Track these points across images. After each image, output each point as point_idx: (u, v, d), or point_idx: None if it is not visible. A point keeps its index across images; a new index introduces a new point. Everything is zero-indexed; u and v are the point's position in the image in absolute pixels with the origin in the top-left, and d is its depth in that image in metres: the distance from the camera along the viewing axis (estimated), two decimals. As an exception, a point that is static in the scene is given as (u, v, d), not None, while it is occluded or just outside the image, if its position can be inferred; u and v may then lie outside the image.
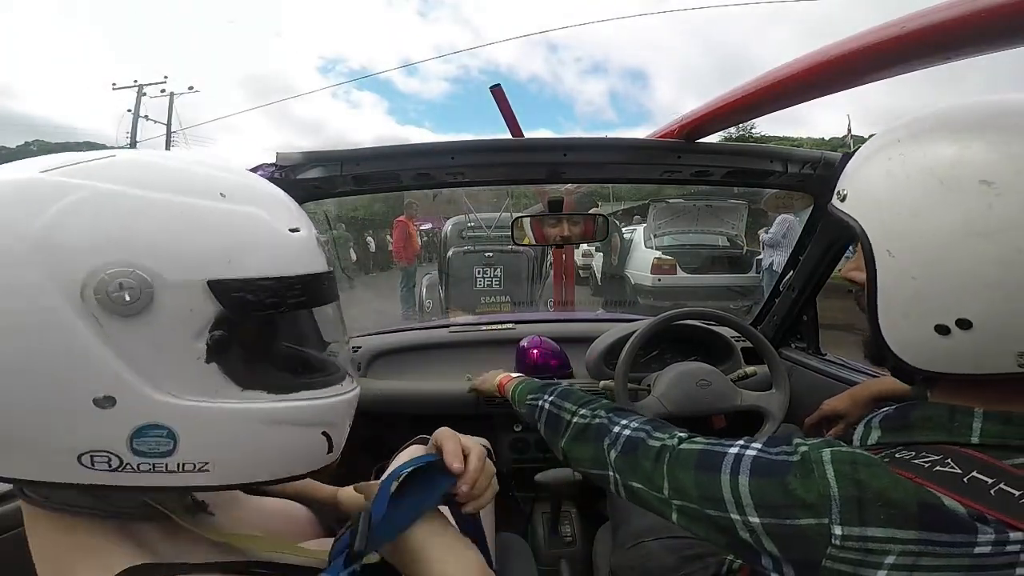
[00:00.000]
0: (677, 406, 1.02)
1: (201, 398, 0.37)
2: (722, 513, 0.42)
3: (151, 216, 0.35)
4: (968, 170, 0.37)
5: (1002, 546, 0.33)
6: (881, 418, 0.47)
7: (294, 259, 0.40)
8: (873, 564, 0.35)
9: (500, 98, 1.34)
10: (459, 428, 0.57)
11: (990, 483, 0.36)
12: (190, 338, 0.36)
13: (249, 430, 0.39)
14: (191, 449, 0.37)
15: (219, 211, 0.37)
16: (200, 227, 0.36)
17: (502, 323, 1.55)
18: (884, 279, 0.42)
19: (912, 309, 0.41)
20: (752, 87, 0.80)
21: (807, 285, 1.20)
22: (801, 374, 1.22)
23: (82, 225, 0.34)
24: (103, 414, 0.34)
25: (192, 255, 0.36)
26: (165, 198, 0.36)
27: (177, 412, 0.36)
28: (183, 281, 0.35)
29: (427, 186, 1.12)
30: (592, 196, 7.03)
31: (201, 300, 0.35)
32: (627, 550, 0.84)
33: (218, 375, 0.37)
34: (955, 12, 0.50)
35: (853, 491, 0.36)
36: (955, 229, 0.37)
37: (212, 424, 0.38)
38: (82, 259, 0.33)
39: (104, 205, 0.34)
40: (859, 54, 0.61)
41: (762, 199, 5.94)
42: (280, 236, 0.39)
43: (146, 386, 0.35)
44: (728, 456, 0.44)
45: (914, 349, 0.42)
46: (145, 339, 0.35)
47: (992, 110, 0.40)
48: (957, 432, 0.40)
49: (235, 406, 0.38)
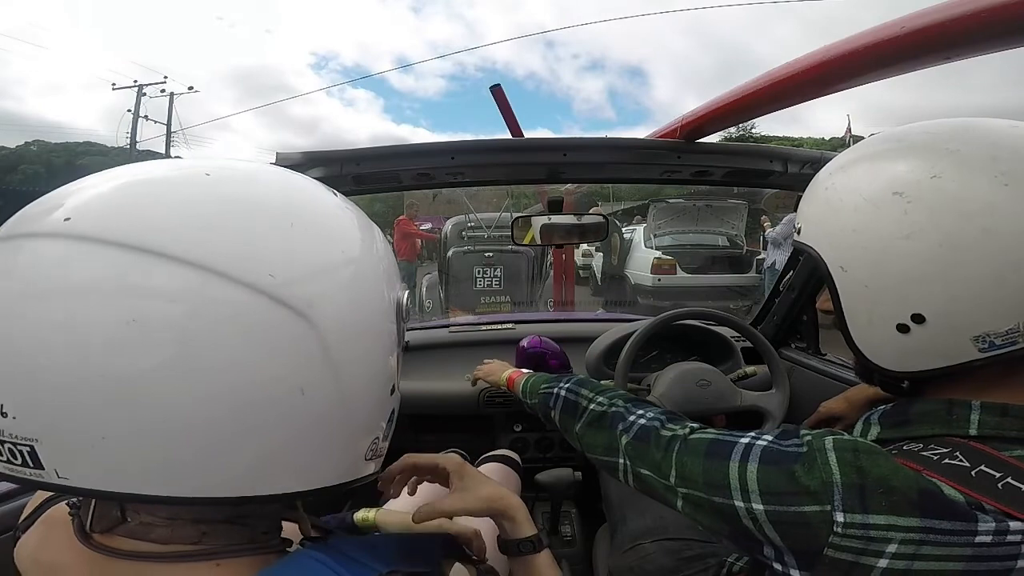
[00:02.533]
0: (677, 406, 1.02)
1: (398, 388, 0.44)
2: (726, 500, 0.42)
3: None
4: (882, 185, 0.44)
5: (1003, 535, 0.34)
6: (880, 414, 0.47)
7: None
8: (874, 552, 0.35)
9: (500, 98, 1.34)
10: (459, 428, 0.58)
11: (998, 477, 0.36)
12: (405, 341, 0.45)
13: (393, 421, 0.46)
14: (390, 434, 0.43)
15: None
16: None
17: (502, 323, 1.55)
18: (843, 293, 0.47)
19: (873, 315, 0.45)
20: (752, 87, 0.80)
21: (807, 285, 1.20)
22: (801, 374, 1.22)
23: (387, 249, 0.42)
24: (388, 400, 0.40)
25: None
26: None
27: (396, 399, 0.42)
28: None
29: (427, 186, 1.12)
30: (592, 196, 7.04)
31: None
32: (625, 552, 0.84)
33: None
34: (955, 12, 0.50)
35: (855, 478, 0.37)
36: (884, 236, 0.43)
37: (397, 407, 0.44)
38: (396, 279, 0.41)
39: (376, 231, 0.42)
40: (859, 54, 0.61)
41: (762, 199, 5.95)
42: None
43: (396, 378, 0.41)
44: (739, 445, 0.44)
45: (886, 352, 0.46)
46: (402, 340, 0.42)
47: (895, 135, 0.48)
48: (955, 425, 0.41)
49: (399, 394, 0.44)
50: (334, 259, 0.35)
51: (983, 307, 0.39)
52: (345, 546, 0.37)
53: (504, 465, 0.98)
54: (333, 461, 0.36)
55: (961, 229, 0.39)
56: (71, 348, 0.27)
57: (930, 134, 0.45)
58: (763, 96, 0.79)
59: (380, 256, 0.39)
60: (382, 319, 0.37)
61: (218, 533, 0.34)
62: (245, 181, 0.35)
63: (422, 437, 1.31)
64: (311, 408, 0.32)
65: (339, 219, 0.38)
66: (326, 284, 0.33)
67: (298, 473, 0.34)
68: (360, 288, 0.35)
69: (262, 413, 0.30)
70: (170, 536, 0.33)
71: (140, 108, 14.49)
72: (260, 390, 0.30)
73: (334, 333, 0.32)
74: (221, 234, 0.30)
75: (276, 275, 0.30)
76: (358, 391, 0.35)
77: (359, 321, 0.35)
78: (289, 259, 0.32)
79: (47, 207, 0.31)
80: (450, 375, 1.30)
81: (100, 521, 0.34)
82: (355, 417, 0.36)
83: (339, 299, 0.33)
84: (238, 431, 0.30)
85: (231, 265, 0.29)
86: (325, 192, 0.39)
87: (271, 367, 0.30)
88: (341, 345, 0.33)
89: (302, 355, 0.31)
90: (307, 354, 0.31)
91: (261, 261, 0.30)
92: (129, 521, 0.33)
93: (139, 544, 0.33)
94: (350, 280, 0.35)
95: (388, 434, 0.42)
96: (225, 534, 0.34)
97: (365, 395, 0.36)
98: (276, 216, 0.33)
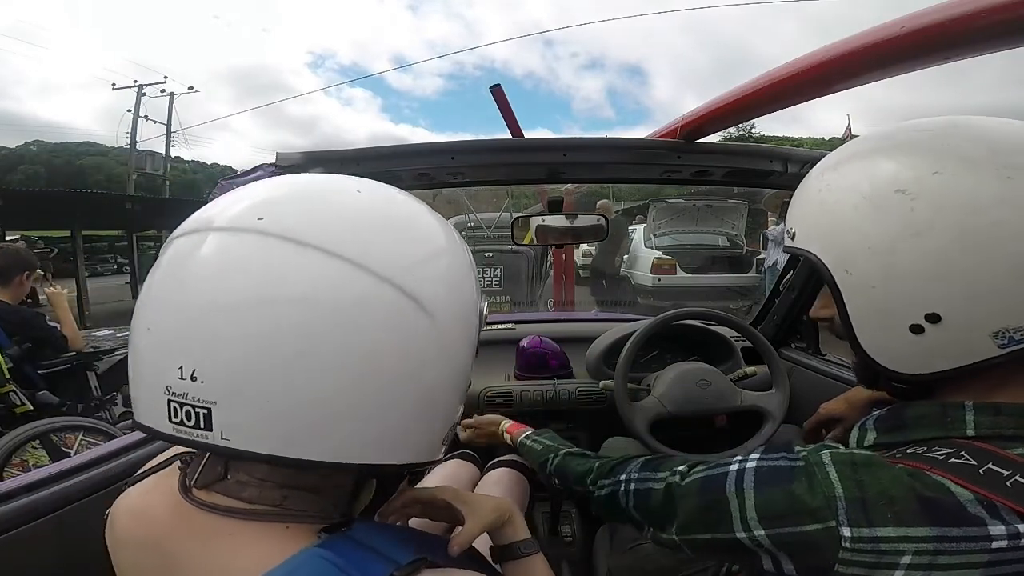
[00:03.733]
0: (677, 406, 1.02)
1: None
2: (728, 535, 0.42)
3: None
4: (883, 183, 0.43)
5: (1017, 539, 0.33)
6: (875, 420, 0.47)
7: None
8: (888, 565, 0.34)
9: (500, 98, 1.34)
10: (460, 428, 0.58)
11: (1006, 475, 0.36)
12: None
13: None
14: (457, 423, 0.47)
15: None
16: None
17: (502, 323, 1.55)
18: (850, 297, 0.45)
19: (884, 317, 0.43)
20: (752, 87, 0.80)
21: (807, 285, 1.20)
22: (801, 374, 1.22)
23: (475, 275, 0.46)
24: (465, 392, 0.45)
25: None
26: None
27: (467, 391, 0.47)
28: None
29: (427, 186, 1.12)
30: (592, 196, 7.02)
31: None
32: (625, 552, 0.84)
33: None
34: (955, 12, 0.50)
35: (856, 492, 0.36)
36: (892, 234, 0.41)
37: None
38: (479, 295, 0.45)
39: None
40: (859, 54, 0.61)
41: (762, 199, 5.94)
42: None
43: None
44: (730, 474, 0.43)
45: (899, 355, 0.44)
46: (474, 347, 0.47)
47: (884, 134, 0.47)
48: (952, 427, 0.41)
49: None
50: (451, 265, 0.41)
51: (1000, 301, 0.38)
52: (367, 536, 0.37)
53: (513, 470, 0.98)
54: (426, 440, 0.41)
55: (972, 224, 0.38)
56: (255, 324, 0.32)
57: (924, 131, 0.44)
58: (763, 96, 0.79)
59: (471, 263, 0.45)
60: (474, 317, 0.43)
61: (299, 499, 0.38)
62: (385, 199, 0.42)
63: None
64: (424, 389, 0.38)
65: (447, 233, 0.44)
66: (442, 284, 0.39)
67: (396, 447, 0.38)
68: (463, 288, 0.42)
69: (388, 389, 0.35)
70: (258, 496, 0.37)
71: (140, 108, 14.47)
72: (390, 369, 0.35)
73: (446, 326, 0.38)
74: (372, 240, 0.36)
75: (408, 273, 0.36)
76: (456, 380, 0.41)
77: (463, 320, 0.41)
78: (416, 261, 0.38)
79: (237, 209, 0.36)
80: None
81: (205, 476, 0.38)
82: (451, 402, 0.42)
83: (451, 298, 0.40)
84: (367, 404, 0.35)
85: (374, 261, 0.35)
86: (429, 209, 0.45)
87: (400, 349, 0.36)
88: (452, 339, 0.39)
89: (424, 342, 0.37)
90: (427, 342, 0.37)
91: (397, 261, 0.36)
92: (228, 479, 0.37)
93: (230, 501, 0.37)
94: (459, 282, 0.41)
95: (452, 427, 0.45)
96: (302, 501, 0.38)
97: (460, 384, 0.43)
98: (408, 227, 0.40)
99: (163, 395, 0.33)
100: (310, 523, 0.37)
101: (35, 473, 0.64)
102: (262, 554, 0.34)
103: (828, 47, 0.66)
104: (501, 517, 0.54)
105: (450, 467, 0.99)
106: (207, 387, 0.32)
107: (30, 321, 2.06)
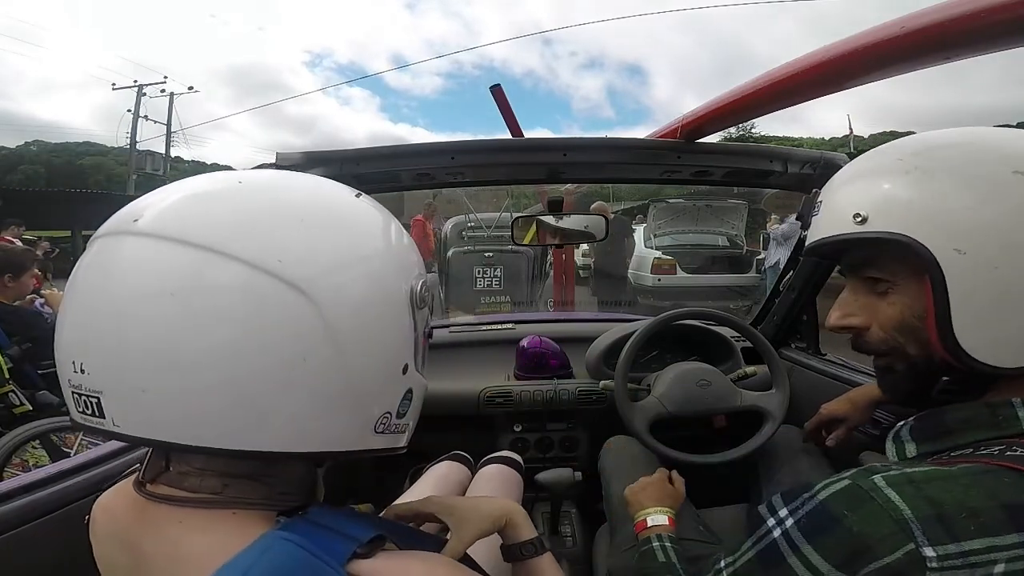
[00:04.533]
0: (677, 406, 1.02)
1: (421, 370, 0.48)
2: None
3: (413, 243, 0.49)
4: (995, 164, 0.42)
5: None
6: (909, 429, 0.45)
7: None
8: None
9: (500, 98, 1.34)
10: (459, 428, 0.58)
11: None
12: (427, 329, 0.48)
13: (419, 401, 0.48)
14: (409, 412, 0.47)
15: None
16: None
17: (502, 323, 1.55)
18: (959, 280, 0.42)
19: (1004, 301, 0.41)
20: (752, 87, 0.80)
21: (807, 285, 1.20)
22: (801, 374, 1.22)
23: (407, 243, 0.47)
24: (400, 378, 0.44)
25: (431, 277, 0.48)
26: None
27: (416, 381, 0.46)
28: (432, 282, 0.46)
29: (427, 186, 1.11)
30: (592, 196, 7.02)
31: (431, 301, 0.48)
32: (624, 552, 0.83)
33: (423, 355, 0.48)
34: (955, 12, 0.50)
35: (928, 509, 0.35)
36: (1016, 211, 0.40)
37: (419, 391, 0.48)
38: (412, 270, 0.45)
39: (405, 234, 0.48)
40: (859, 54, 0.61)
41: (762, 199, 5.94)
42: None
43: (414, 358, 0.45)
44: (779, 541, 0.41)
45: (1006, 347, 0.41)
46: (422, 325, 0.46)
47: (964, 131, 0.47)
48: (1005, 426, 0.40)
49: (423, 378, 0.48)
50: (340, 248, 0.40)
51: None
52: (323, 517, 0.38)
53: (506, 466, 0.98)
54: (338, 428, 0.40)
55: None
56: (131, 320, 0.34)
57: (1010, 131, 0.45)
58: (763, 96, 0.79)
59: (391, 248, 0.44)
60: (388, 303, 0.42)
61: (239, 487, 0.39)
62: (268, 188, 0.42)
63: (422, 437, 1.30)
64: (313, 374, 0.37)
65: (351, 216, 0.43)
66: (330, 268, 0.38)
67: (303, 435, 0.38)
68: (365, 273, 0.40)
69: (269, 376, 0.35)
70: (199, 485, 0.39)
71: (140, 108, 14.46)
72: (268, 355, 0.35)
73: (334, 310, 0.37)
74: (246, 231, 0.37)
75: (284, 260, 0.36)
76: (361, 365, 0.39)
77: (361, 301, 0.39)
78: (296, 247, 0.37)
79: (121, 213, 0.38)
80: (450, 375, 1.30)
81: (150, 470, 0.40)
82: (359, 389, 0.40)
83: (341, 281, 0.38)
84: (249, 392, 0.35)
85: (246, 251, 0.35)
86: (342, 193, 0.45)
87: (276, 336, 0.35)
88: (343, 322, 0.37)
89: (304, 327, 0.36)
90: (309, 327, 0.36)
91: (272, 249, 0.36)
92: (171, 470, 0.40)
93: (174, 491, 0.39)
94: (354, 265, 0.40)
95: (406, 412, 0.45)
96: (245, 488, 0.39)
97: (370, 370, 0.41)
98: (290, 214, 0.39)
99: (69, 388, 0.36)
100: (259, 510, 0.39)
101: (35, 473, 0.65)
102: (212, 540, 0.36)
103: (828, 47, 0.66)
104: (497, 523, 0.54)
105: (442, 468, 0.99)
106: (93, 378, 0.35)
107: (29, 321, 2.06)
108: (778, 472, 0.97)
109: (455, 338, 1.50)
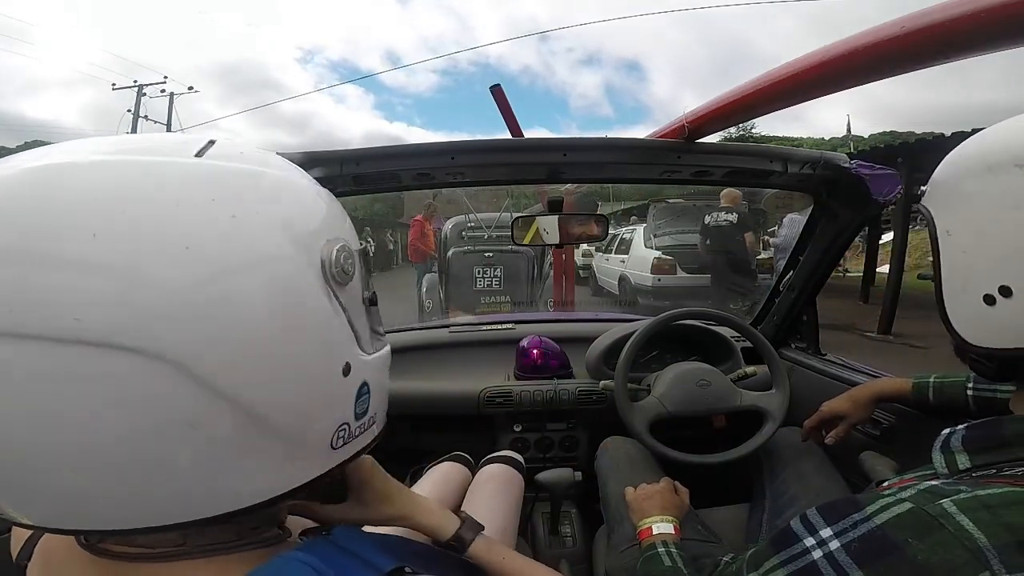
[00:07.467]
0: (677, 406, 1.02)
1: (372, 351, 0.39)
2: None
3: (317, 194, 0.37)
4: (1007, 156, 0.44)
5: None
6: (962, 439, 0.44)
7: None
8: None
9: (500, 98, 1.34)
10: (459, 428, 0.57)
11: None
12: (366, 296, 0.39)
13: (384, 377, 0.41)
14: (372, 405, 0.39)
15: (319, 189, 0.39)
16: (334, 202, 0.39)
17: (502, 323, 1.55)
18: (944, 258, 0.48)
19: (966, 282, 0.45)
20: (752, 87, 0.80)
21: (807, 285, 1.20)
22: (801, 374, 1.22)
23: (306, 206, 0.35)
24: (344, 382, 0.35)
25: (349, 227, 0.38)
26: (304, 178, 0.38)
27: (368, 367, 0.38)
28: (359, 247, 0.38)
29: (427, 186, 1.11)
30: (592, 196, 7.02)
31: (359, 261, 0.38)
32: (622, 552, 0.83)
33: (371, 328, 0.40)
34: (955, 12, 0.50)
35: (1007, 536, 0.33)
36: (994, 203, 0.43)
37: (378, 375, 0.40)
38: (317, 239, 0.34)
39: (294, 186, 0.35)
40: (859, 54, 0.61)
41: (762, 199, 5.94)
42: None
43: (356, 346, 0.37)
44: (819, 563, 0.38)
45: (971, 324, 0.46)
46: (354, 302, 0.37)
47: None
48: None
49: (378, 355, 0.40)
50: (170, 272, 0.27)
51: None
52: (349, 540, 0.36)
53: (507, 466, 0.98)
54: (282, 471, 0.33)
55: None
56: None
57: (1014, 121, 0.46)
58: (764, 96, 0.79)
59: (265, 230, 0.31)
60: (286, 309, 0.31)
61: (201, 533, 0.34)
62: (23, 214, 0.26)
63: (422, 437, 1.31)
64: (214, 436, 0.29)
65: (177, 212, 0.28)
66: (164, 306, 0.27)
67: (238, 495, 0.32)
68: (231, 291, 0.29)
69: (156, 452, 0.28)
70: (153, 541, 0.33)
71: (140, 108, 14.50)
72: (138, 437, 0.27)
73: (197, 356, 0.27)
74: (8, 288, 0.25)
75: (82, 317, 0.25)
76: (275, 402, 0.31)
77: (234, 329, 0.29)
78: (98, 291, 0.26)
79: None
80: (450, 375, 1.30)
81: (91, 532, 0.34)
82: (285, 426, 0.32)
83: (190, 317, 0.27)
84: (142, 471, 0.28)
85: (23, 323, 0.25)
86: (165, 172, 0.30)
87: (132, 416, 0.27)
88: (218, 365, 0.28)
89: (163, 394, 0.27)
90: (171, 390, 0.27)
91: (55, 307, 0.25)
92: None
93: (128, 548, 0.33)
94: (201, 290, 0.28)
95: (365, 409, 0.38)
96: (209, 533, 0.34)
97: (292, 399, 0.32)
98: (73, 249, 0.26)
99: None
100: (237, 551, 0.35)
101: None
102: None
103: (828, 47, 0.66)
104: (393, 522, 0.51)
105: (442, 468, 0.99)
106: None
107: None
108: (781, 473, 0.97)
109: (455, 338, 1.50)
